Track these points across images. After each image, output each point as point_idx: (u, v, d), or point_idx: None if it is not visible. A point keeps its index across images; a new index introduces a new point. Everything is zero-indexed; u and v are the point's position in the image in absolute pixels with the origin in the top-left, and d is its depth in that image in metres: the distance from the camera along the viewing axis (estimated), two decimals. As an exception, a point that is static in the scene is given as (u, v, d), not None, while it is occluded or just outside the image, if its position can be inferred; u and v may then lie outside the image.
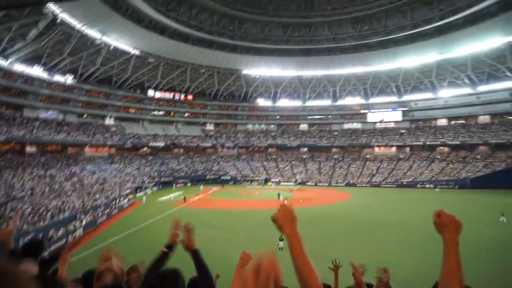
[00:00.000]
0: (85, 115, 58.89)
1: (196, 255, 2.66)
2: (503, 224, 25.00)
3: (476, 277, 15.52)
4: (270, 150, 75.41)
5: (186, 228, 2.75)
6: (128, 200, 41.07)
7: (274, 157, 72.67)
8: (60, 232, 24.17)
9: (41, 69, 47.44)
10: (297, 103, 77.91)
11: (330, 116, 77.24)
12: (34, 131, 45.27)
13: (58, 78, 50.92)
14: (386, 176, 59.60)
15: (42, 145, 48.26)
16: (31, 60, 45.53)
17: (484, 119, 61.36)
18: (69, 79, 52.61)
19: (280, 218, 1.62)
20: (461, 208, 32.83)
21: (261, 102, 78.15)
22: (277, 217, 1.62)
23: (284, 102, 78.14)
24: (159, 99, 69.40)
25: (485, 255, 17.40)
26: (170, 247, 2.93)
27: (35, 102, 49.38)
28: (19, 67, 44.29)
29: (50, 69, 49.24)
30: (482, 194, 42.01)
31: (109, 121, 61.98)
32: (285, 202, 39.79)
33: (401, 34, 56.38)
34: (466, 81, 61.14)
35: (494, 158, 54.48)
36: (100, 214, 31.83)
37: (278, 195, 43.06)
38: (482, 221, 25.17)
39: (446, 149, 62.70)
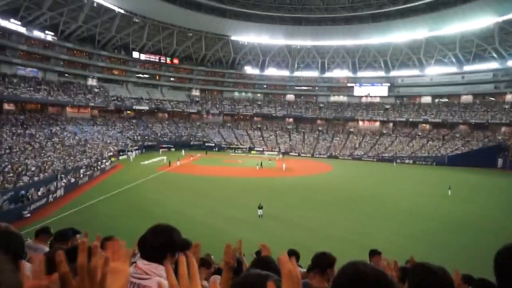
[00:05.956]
0: (66, 75, 56.84)
1: None
2: (448, 196, 28.87)
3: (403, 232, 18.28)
4: (255, 119, 75.33)
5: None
6: (111, 162, 40.90)
7: (259, 126, 72.78)
8: (41, 192, 24.12)
9: (19, 23, 45.05)
10: (285, 72, 77.12)
11: (317, 87, 77.08)
12: (12, 88, 43.62)
13: (37, 33, 48.58)
14: (368, 150, 60.86)
15: (21, 103, 46.59)
16: (8, 12, 43.05)
17: (466, 98, 62.54)
18: (49, 36, 50.30)
19: None
20: (427, 183, 36.54)
21: (249, 70, 76.99)
22: None
23: (271, 71, 77.17)
24: (145, 61, 67.38)
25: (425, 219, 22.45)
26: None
27: (13, 58, 47.11)
28: (-5, 20, 41.94)
29: (29, 24, 46.78)
30: (456, 172, 43.60)
31: (91, 82, 60.06)
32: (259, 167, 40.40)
33: (393, 8, 55.85)
34: (453, 60, 61.73)
35: (472, 138, 56.19)
36: (82, 176, 31.74)
37: (261, 164, 43.61)
38: (436, 194, 30.02)
39: (427, 126, 64.12)
